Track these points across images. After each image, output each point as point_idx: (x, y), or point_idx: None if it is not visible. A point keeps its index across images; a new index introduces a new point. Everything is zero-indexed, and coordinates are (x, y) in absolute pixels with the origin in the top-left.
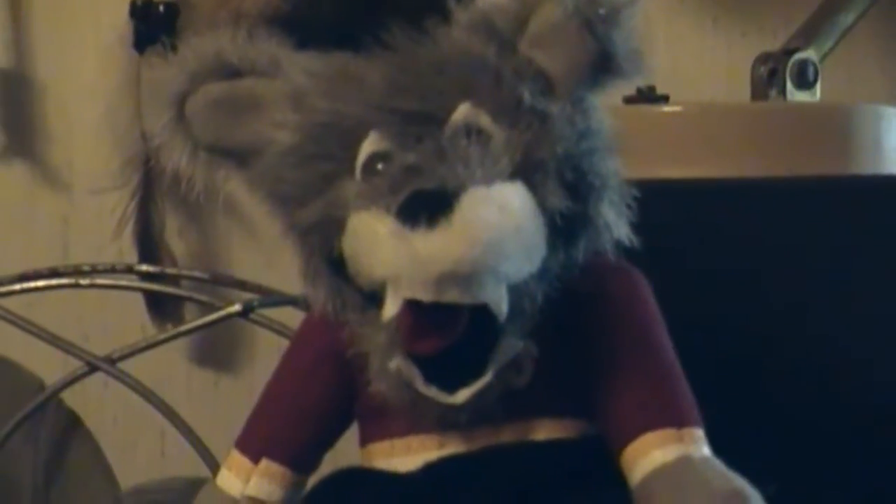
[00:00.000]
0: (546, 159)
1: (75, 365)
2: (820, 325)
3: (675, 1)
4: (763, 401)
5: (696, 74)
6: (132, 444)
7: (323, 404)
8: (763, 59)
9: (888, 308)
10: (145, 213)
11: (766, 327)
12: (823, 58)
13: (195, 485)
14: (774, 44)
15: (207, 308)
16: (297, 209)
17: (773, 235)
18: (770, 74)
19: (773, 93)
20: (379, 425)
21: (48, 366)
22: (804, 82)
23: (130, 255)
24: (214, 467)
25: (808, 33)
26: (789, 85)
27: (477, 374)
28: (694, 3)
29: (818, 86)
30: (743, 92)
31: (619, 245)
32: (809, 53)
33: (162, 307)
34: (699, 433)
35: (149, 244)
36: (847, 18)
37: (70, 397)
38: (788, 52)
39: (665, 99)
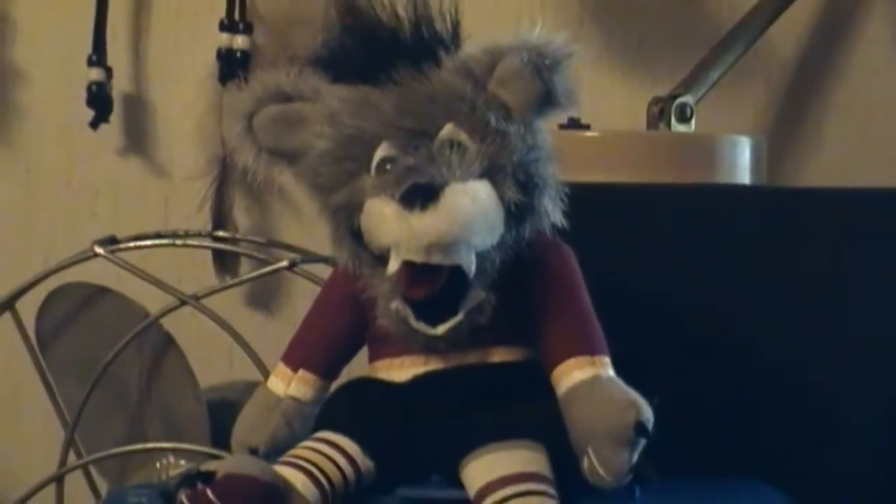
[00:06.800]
0: (505, 165)
1: (171, 300)
2: (703, 302)
3: (596, 59)
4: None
5: (609, 110)
6: (209, 358)
7: (344, 332)
8: (655, 101)
9: (746, 291)
10: (220, 195)
11: (661, 300)
12: (698, 101)
13: (252, 386)
14: (664, 90)
15: (264, 263)
16: (329, 195)
17: (660, 226)
18: (660, 112)
19: (662, 125)
20: (382, 348)
21: (152, 300)
22: (683, 118)
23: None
24: (266, 375)
25: (688, 84)
26: (673, 120)
27: (452, 314)
28: (609, 61)
29: (693, 121)
30: (641, 124)
31: (554, 227)
32: (688, 98)
33: (224, 263)
34: (607, 360)
35: (221, 217)
36: (716, 74)
37: (166, 323)
38: (673, 97)
39: (587, 127)
